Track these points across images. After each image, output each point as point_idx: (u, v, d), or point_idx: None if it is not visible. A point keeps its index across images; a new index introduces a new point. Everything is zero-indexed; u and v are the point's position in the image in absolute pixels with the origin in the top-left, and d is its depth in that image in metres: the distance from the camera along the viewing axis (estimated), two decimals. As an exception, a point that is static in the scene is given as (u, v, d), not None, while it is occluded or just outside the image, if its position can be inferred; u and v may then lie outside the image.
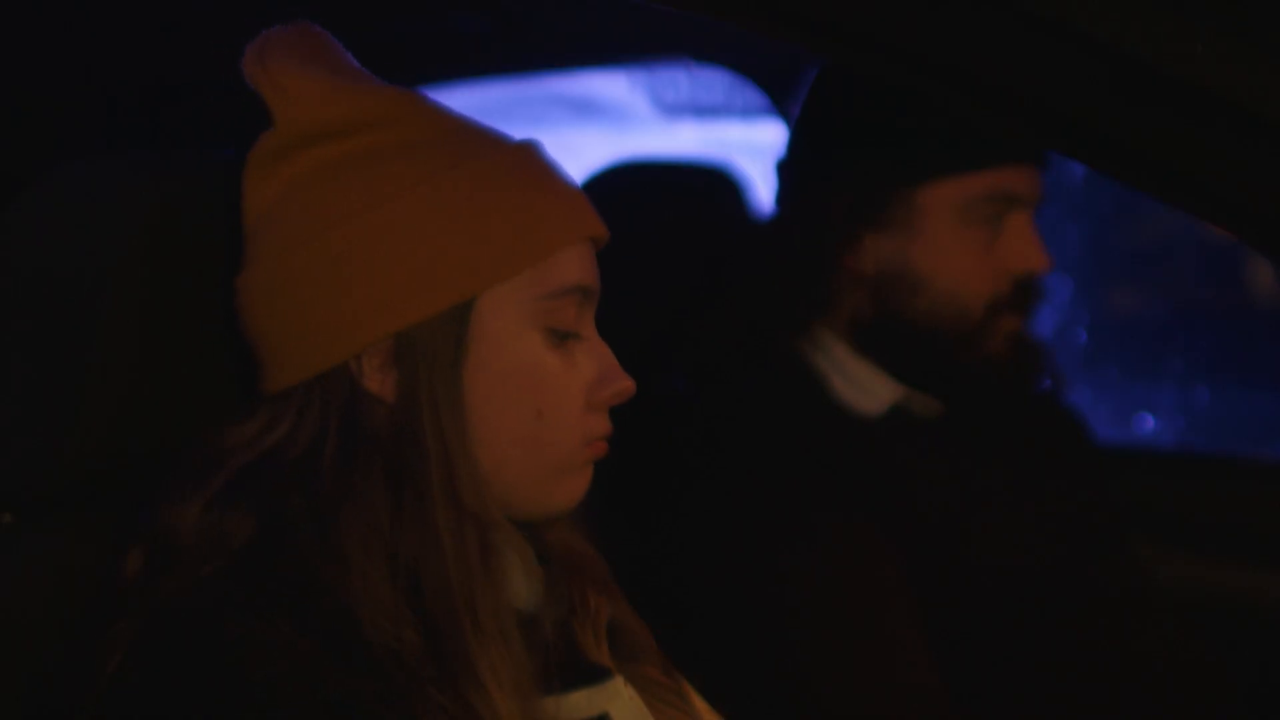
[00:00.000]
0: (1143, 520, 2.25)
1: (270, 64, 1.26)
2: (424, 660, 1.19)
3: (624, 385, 1.30)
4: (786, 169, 1.96)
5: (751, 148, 2.51)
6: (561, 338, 1.28)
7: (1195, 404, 4.28)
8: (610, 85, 3.73)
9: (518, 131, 1.32)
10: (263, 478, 1.23)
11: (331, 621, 1.17)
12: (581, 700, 1.27)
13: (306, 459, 1.23)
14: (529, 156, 1.29)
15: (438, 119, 1.28)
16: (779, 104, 2.55)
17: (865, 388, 1.87)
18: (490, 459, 1.25)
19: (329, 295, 1.23)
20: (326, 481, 1.22)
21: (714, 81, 2.86)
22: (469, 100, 2.63)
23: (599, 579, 1.35)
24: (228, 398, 1.30)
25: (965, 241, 1.84)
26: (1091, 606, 1.90)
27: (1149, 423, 4.19)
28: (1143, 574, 1.99)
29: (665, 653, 1.40)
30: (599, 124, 3.82)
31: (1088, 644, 1.87)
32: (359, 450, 1.23)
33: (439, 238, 1.23)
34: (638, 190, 2.16)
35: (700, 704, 1.42)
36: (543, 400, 1.26)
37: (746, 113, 2.81)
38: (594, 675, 1.29)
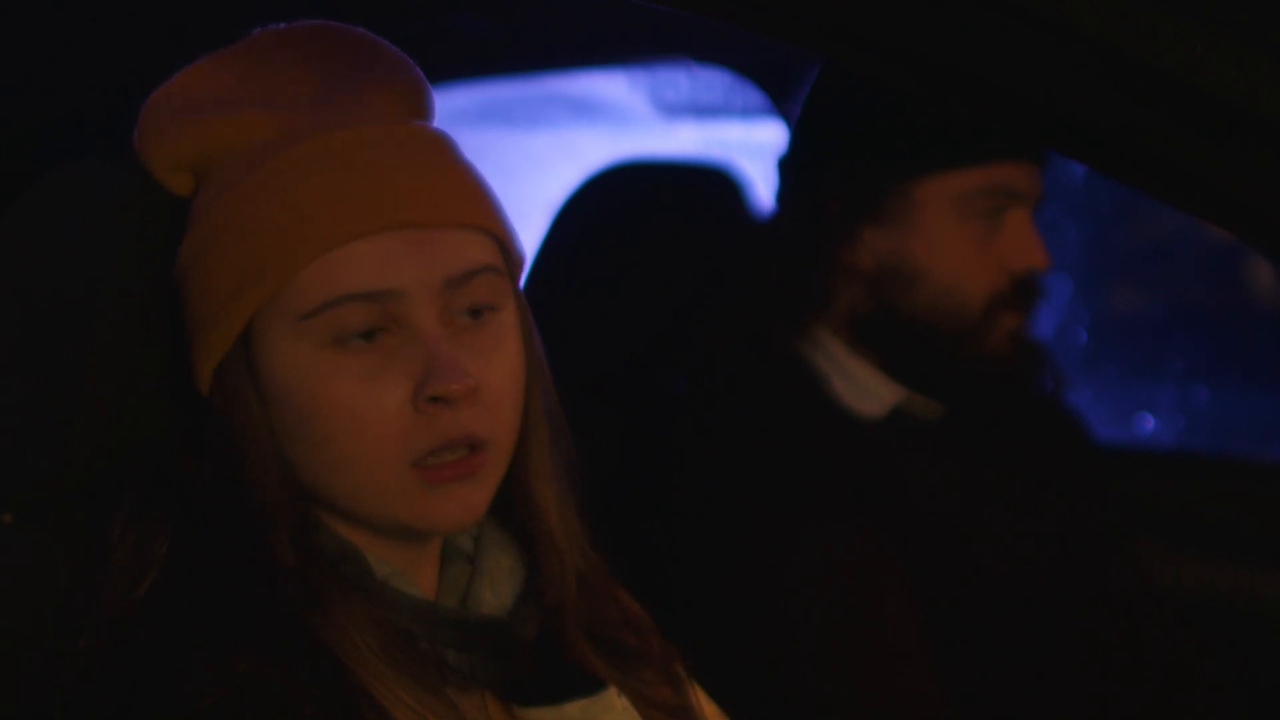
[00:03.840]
0: (1143, 520, 2.25)
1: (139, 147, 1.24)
2: None
3: (446, 387, 1.14)
4: (786, 166, 1.96)
5: (751, 148, 2.50)
6: (343, 343, 1.16)
7: (1195, 404, 4.28)
8: (610, 85, 3.73)
9: (517, 131, 1.27)
10: (168, 492, 1.22)
11: (296, 647, 1.15)
12: (575, 711, 1.26)
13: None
14: (328, 151, 1.17)
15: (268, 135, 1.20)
16: (779, 104, 2.55)
17: (866, 389, 1.87)
18: (320, 491, 1.20)
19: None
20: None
21: (714, 81, 2.86)
22: (469, 100, 2.63)
23: (597, 581, 1.34)
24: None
25: (962, 236, 1.85)
26: (1092, 607, 1.90)
27: (1149, 423, 4.18)
28: (1143, 574, 2.00)
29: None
30: (599, 124, 3.81)
31: (1088, 645, 1.87)
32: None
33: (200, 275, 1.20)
34: (638, 190, 2.16)
35: (704, 702, 1.42)
36: (329, 426, 1.16)
37: (746, 113, 2.81)
38: (587, 686, 1.28)
